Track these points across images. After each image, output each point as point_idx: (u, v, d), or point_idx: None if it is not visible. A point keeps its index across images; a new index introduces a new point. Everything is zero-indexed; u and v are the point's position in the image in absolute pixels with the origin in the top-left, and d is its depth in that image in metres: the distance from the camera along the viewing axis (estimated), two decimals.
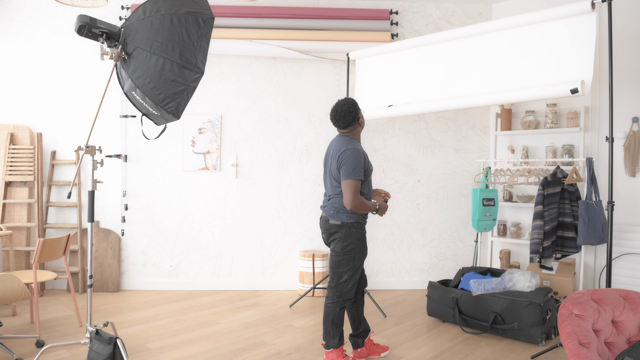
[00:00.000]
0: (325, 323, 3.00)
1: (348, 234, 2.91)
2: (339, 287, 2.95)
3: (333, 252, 2.97)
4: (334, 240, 2.96)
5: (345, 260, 2.92)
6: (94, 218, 3.06)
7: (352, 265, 2.93)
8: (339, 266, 2.94)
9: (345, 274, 2.93)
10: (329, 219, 2.97)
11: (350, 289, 2.97)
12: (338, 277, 2.95)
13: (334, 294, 2.97)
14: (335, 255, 2.95)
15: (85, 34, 2.53)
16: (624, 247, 4.14)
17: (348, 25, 4.86)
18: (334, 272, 2.96)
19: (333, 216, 2.95)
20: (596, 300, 2.21)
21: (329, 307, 2.98)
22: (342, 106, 2.95)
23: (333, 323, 2.97)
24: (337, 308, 2.96)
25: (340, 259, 2.93)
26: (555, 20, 3.20)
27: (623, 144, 4.20)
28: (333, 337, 2.99)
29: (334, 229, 2.95)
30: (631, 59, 4.17)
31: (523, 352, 3.30)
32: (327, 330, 3.00)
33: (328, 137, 5.02)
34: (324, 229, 3.03)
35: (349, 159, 2.83)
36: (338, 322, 2.98)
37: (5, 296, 3.03)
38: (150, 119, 2.82)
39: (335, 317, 2.97)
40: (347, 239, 2.91)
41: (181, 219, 4.92)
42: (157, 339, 3.48)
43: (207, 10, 2.65)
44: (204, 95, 4.93)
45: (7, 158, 4.65)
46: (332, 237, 2.97)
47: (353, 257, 2.93)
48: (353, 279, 2.96)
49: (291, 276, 5.00)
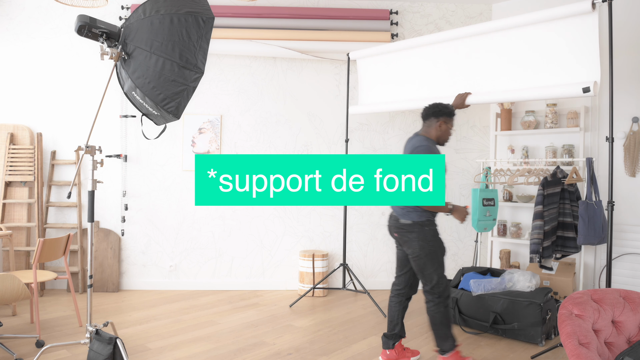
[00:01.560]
0: (434, 327, 2.92)
1: (422, 234, 2.87)
2: (435, 289, 2.89)
3: (412, 256, 2.91)
4: (407, 241, 2.91)
5: (429, 261, 2.87)
6: (94, 218, 3.06)
7: (437, 263, 2.88)
8: (426, 268, 2.89)
9: (435, 274, 2.88)
10: (399, 218, 2.93)
11: (445, 285, 2.90)
12: (429, 279, 2.89)
13: (433, 296, 2.90)
14: (417, 259, 2.89)
15: (85, 34, 2.53)
16: (624, 247, 4.14)
17: (348, 25, 4.86)
18: (423, 276, 2.91)
19: (403, 215, 2.90)
20: (596, 300, 2.21)
21: (433, 311, 2.91)
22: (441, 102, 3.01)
23: (442, 324, 2.90)
24: (442, 308, 2.90)
25: (423, 261, 2.88)
26: (556, 21, 3.20)
27: (623, 144, 4.20)
28: (446, 339, 2.90)
29: (405, 229, 2.90)
30: (631, 59, 4.17)
31: (523, 352, 3.30)
32: (439, 334, 2.91)
33: (328, 137, 5.02)
34: (395, 228, 2.98)
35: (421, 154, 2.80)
36: (447, 322, 2.91)
37: (5, 296, 3.03)
38: (150, 119, 2.82)
39: (443, 318, 2.90)
40: (423, 238, 2.86)
41: (181, 219, 4.92)
42: (157, 339, 3.48)
43: (207, 10, 2.65)
44: (204, 95, 4.93)
45: (7, 158, 4.65)
46: (405, 238, 2.92)
47: (435, 255, 2.88)
48: (443, 276, 2.90)
49: (291, 276, 5.00)
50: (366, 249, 5.04)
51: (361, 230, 5.03)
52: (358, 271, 5.03)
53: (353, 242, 5.03)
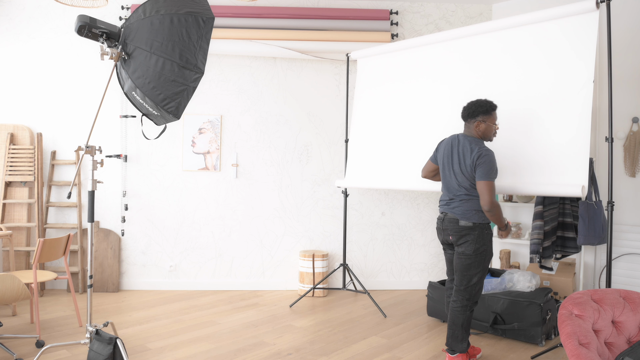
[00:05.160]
0: (453, 327, 2.94)
1: (480, 236, 2.88)
2: (469, 290, 2.92)
3: (463, 255, 2.91)
4: (464, 242, 2.91)
5: (477, 262, 2.89)
6: (94, 218, 3.06)
7: (482, 267, 2.91)
8: (470, 269, 2.90)
9: (476, 276, 2.91)
10: (458, 220, 2.92)
11: (478, 290, 2.94)
12: (468, 279, 2.91)
13: (463, 297, 2.92)
14: (466, 258, 2.90)
15: (85, 34, 2.54)
16: (624, 247, 4.14)
17: (348, 25, 4.86)
18: (464, 275, 2.92)
19: (465, 217, 2.90)
20: (596, 301, 2.21)
21: (458, 311, 2.93)
22: (477, 100, 2.97)
23: (462, 327, 2.92)
24: (468, 311, 2.92)
25: (471, 261, 2.89)
26: (557, 20, 3.20)
27: (623, 144, 4.20)
28: (461, 341, 2.93)
29: (465, 231, 2.90)
30: (631, 59, 4.17)
31: (523, 352, 3.30)
32: (455, 335, 2.93)
33: (328, 137, 5.02)
34: (452, 231, 2.95)
35: (486, 161, 2.81)
36: (467, 325, 2.93)
37: (5, 296, 3.03)
38: (150, 119, 2.82)
39: (465, 320, 2.92)
40: (480, 240, 2.88)
41: (181, 219, 4.92)
42: (157, 339, 3.48)
43: (207, 11, 2.65)
44: (204, 95, 4.93)
45: (7, 158, 4.65)
46: (462, 240, 2.91)
47: (484, 258, 2.91)
48: (482, 281, 2.94)
49: (291, 276, 5.00)
50: (366, 249, 5.04)
51: (361, 230, 5.03)
52: (358, 271, 5.03)
53: (353, 242, 5.03)
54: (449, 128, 3.72)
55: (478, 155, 2.84)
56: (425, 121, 3.89)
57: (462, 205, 2.92)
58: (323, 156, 5.02)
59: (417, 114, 3.96)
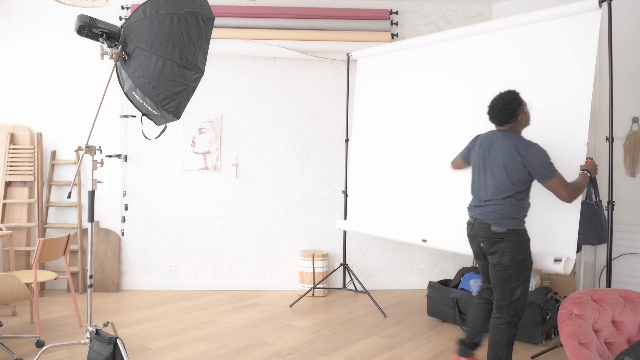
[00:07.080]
0: (497, 347, 2.61)
1: (517, 243, 2.56)
2: (513, 305, 2.59)
3: (499, 265, 2.59)
4: (497, 251, 2.60)
5: (517, 273, 2.57)
6: (94, 218, 3.06)
7: (524, 277, 2.58)
8: (510, 281, 2.57)
9: (518, 289, 2.58)
10: (490, 225, 2.61)
11: (523, 304, 2.62)
12: (510, 293, 2.59)
13: (507, 313, 2.60)
14: (504, 270, 2.58)
15: (85, 34, 2.54)
16: (624, 247, 4.14)
17: (348, 25, 4.86)
18: (504, 289, 2.60)
19: (497, 222, 2.59)
20: (596, 300, 2.21)
21: (502, 329, 2.60)
22: (498, 101, 2.64)
23: (507, 346, 2.60)
24: (513, 328, 2.60)
25: (510, 273, 2.56)
26: (559, 19, 3.20)
27: (623, 144, 4.20)
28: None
29: (498, 237, 2.58)
30: (631, 59, 4.17)
31: (523, 352, 3.30)
32: (498, 355, 2.61)
33: (328, 137, 5.02)
34: (483, 237, 2.65)
35: (540, 159, 2.52)
36: (512, 344, 2.61)
37: (5, 296, 3.03)
38: (150, 119, 2.82)
39: (510, 340, 2.60)
40: (517, 248, 2.56)
41: (181, 219, 4.92)
42: (157, 339, 3.48)
43: (207, 10, 2.66)
44: (204, 95, 4.93)
45: (7, 158, 4.65)
46: (495, 248, 2.61)
47: (524, 268, 2.58)
48: (526, 294, 2.61)
49: (291, 276, 5.00)
50: (366, 249, 5.04)
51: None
52: (358, 271, 5.03)
53: (353, 242, 5.03)
54: (451, 127, 3.72)
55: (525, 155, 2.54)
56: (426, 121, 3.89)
57: (499, 209, 2.60)
58: (323, 156, 5.02)
59: (417, 113, 3.96)
